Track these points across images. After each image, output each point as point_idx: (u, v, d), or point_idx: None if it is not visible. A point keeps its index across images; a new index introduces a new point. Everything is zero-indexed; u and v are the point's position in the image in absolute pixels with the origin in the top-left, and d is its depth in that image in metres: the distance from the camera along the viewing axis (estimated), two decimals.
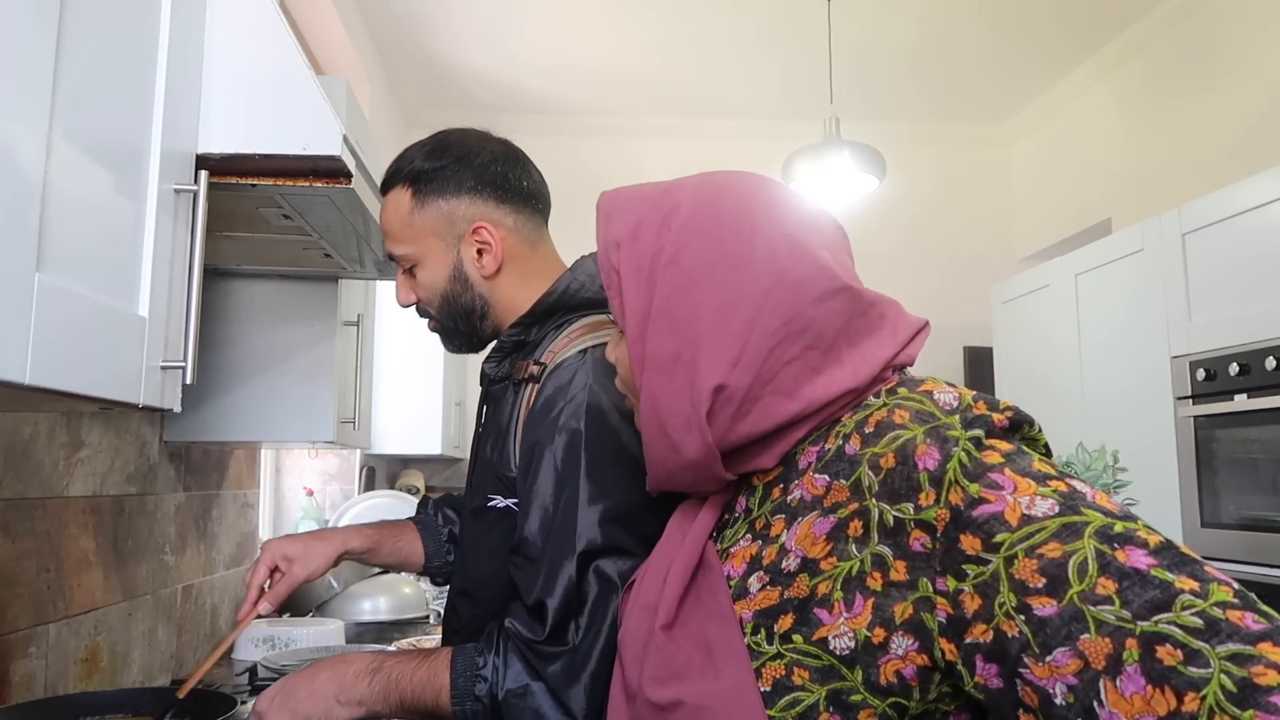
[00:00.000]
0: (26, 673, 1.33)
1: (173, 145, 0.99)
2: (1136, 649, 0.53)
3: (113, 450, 1.60)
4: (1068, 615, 0.55)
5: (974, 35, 3.73)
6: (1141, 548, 0.56)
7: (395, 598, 2.59)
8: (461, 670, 0.93)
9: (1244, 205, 2.47)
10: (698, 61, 3.98)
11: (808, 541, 0.67)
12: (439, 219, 1.11)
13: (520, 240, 1.14)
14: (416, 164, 1.12)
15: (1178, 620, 0.53)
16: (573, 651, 0.90)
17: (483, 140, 1.16)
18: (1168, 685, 0.51)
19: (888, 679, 0.62)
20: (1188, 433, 2.63)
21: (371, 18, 3.58)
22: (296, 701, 0.97)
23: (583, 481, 0.94)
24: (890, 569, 0.63)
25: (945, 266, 4.51)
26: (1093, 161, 4.04)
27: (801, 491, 0.71)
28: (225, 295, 1.83)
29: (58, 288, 0.74)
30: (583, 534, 0.92)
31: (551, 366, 1.03)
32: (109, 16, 0.85)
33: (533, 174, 1.17)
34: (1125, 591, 0.54)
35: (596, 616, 0.90)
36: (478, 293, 1.13)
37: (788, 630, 0.65)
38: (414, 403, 3.32)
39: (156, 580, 1.78)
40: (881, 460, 0.66)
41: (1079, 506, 0.59)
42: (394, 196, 1.14)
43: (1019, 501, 0.59)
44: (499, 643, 0.94)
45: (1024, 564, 0.57)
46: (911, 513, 0.63)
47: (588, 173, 4.56)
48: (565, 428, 0.97)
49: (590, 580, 0.91)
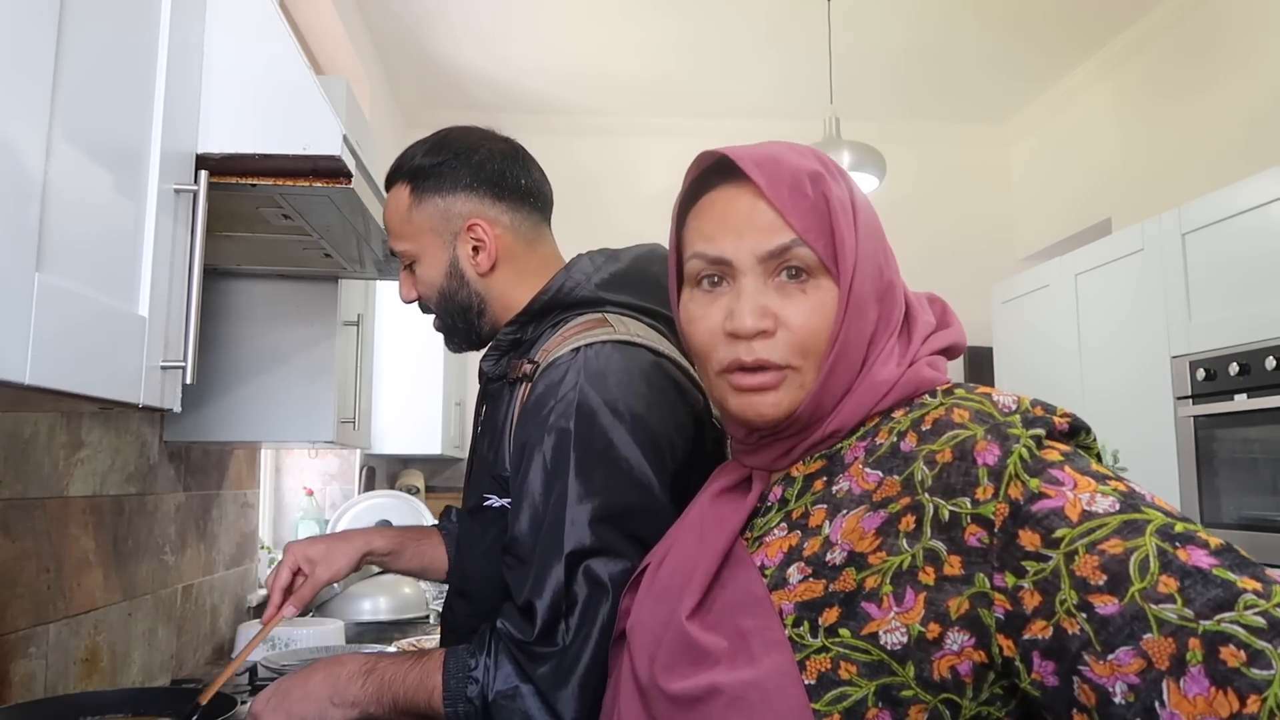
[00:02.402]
0: (26, 673, 1.33)
1: (173, 145, 0.99)
2: (1200, 649, 0.52)
3: (113, 450, 1.60)
4: (1130, 614, 0.54)
5: (974, 36, 3.73)
6: (1203, 548, 0.56)
7: (395, 598, 2.59)
8: (454, 671, 0.93)
9: (1244, 205, 2.47)
10: (697, 61, 3.98)
11: (855, 535, 0.66)
12: (436, 215, 1.12)
13: (517, 238, 1.14)
14: (417, 160, 1.13)
15: (1241, 620, 0.52)
16: (562, 653, 0.89)
17: (483, 138, 1.16)
18: (1230, 687, 0.50)
19: (941, 674, 0.61)
20: (1188, 433, 2.63)
21: (371, 18, 3.58)
22: (291, 703, 0.97)
23: (572, 481, 0.93)
24: (944, 564, 0.62)
25: (945, 267, 4.50)
26: (1093, 161, 4.04)
27: (850, 484, 0.70)
28: (225, 295, 1.83)
29: (58, 288, 0.74)
30: (571, 534, 0.91)
31: (544, 365, 1.02)
32: (109, 16, 0.85)
33: (533, 172, 1.17)
34: (1187, 590, 0.54)
35: (587, 619, 0.89)
36: (474, 290, 1.13)
37: (833, 624, 0.64)
38: (414, 403, 3.32)
39: (156, 580, 1.78)
40: (938, 456, 0.65)
41: (1139, 505, 0.58)
42: (395, 193, 1.15)
43: (1079, 498, 0.59)
44: (490, 643, 0.93)
45: (1085, 560, 0.57)
46: (969, 507, 0.62)
47: (588, 173, 4.57)
48: (554, 427, 0.96)
49: (580, 581, 0.90)
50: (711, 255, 0.75)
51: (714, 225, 0.75)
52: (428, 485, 4.07)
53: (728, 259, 0.74)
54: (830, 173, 0.75)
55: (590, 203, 4.34)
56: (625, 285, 1.09)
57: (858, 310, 0.72)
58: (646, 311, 1.08)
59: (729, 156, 0.75)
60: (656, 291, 1.09)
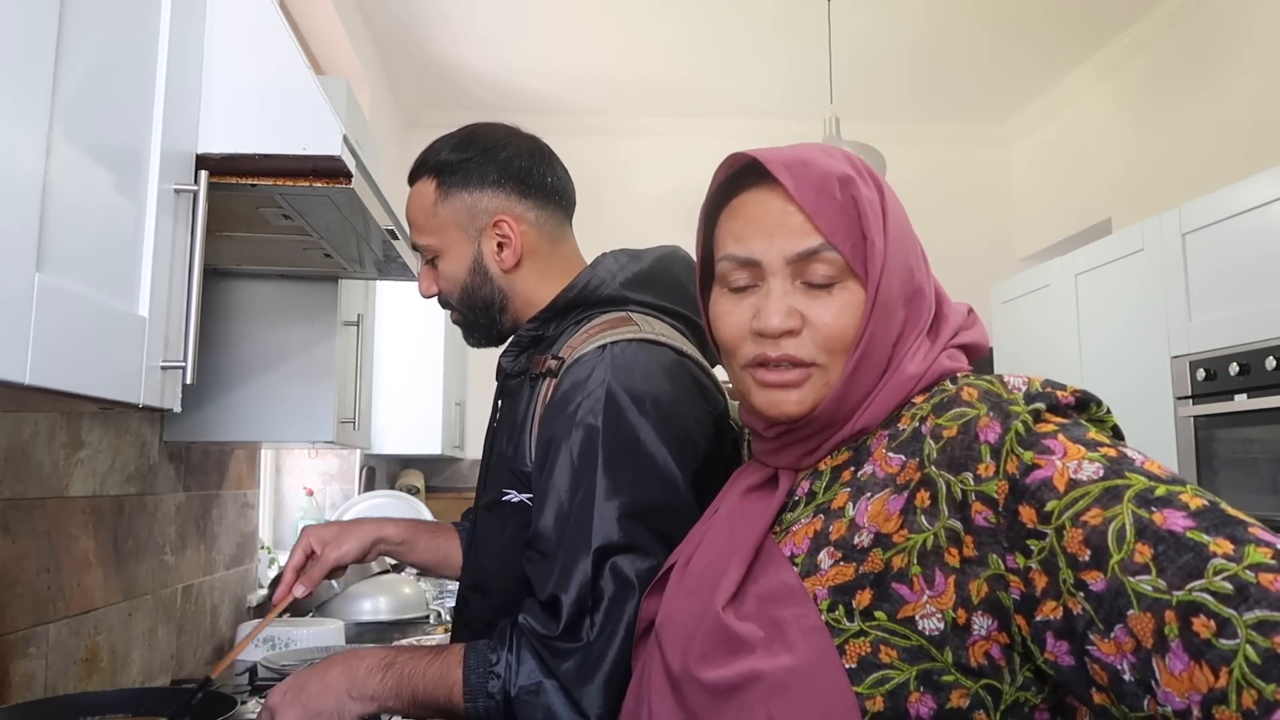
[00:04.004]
0: (26, 673, 1.33)
1: (173, 145, 0.99)
2: (1175, 622, 0.51)
3: (113, 450, 1.60)
4: (1114, 589, 0.54)
5: (974, 35, 3.73)
6: (1181, 510, 0.54)
7: (395, 598, 2.59)
8: (474, 666, 0.92)
9: (1244, 205, 2.47)
10: (698, 61, 3.98)
11: (881, 518, 0.67)
12: (461, 211, 1.12)
13: (541, 235, 1.14)
14: (443, 156, 1.13)
15: (1210, 587, 0.50)
16: (587, 649, 0.88)
17: (510, 135, 1.16)
18: (1204, 660, 0.49)
19: (978, 661, 0.61)
20: (1188, 433, 2.63)
21: (371, 18, 3.58)
22: (308, 696, 0.96)
23: (599, 476, 0.93)
24: (963, 544, 0.62)
25: (945, 266, 4.46)
26: (1093, 161, 4.04)
27: (874, 468, 0.70)
28: (225, 295, 1.83)
29: (58, 288, 0.74)
30: (599, 530, 0.91)
31: (570, 361, 1.02)
32: (109, 17, 0.85)
33: (558, 171, 1.18)
34: (1161, 558, 0.53)
35: (613, 615, 0.88)
36: (497, 286, 1.13)
37: (868, 606, 0.64)
38: (414, 403, 3.32)
39: (156, 580, 1.78)
40: (945, 431, 0.66)
41: (1123, 470, 0.58)
42: (419, 187, 1.15)
43: (1066, 466, 0.59)
44: (512, 638, 0.92)
45: (1071, 535, 0.56)
46: (972, 483, 0.62)
47: (587, 173, 4.54)
48: (582, 423, 0.96)
49: (606, 577, 0.90)
50: (742, 257, 0.75)
51: (744, 226, 0.76)
52: (428, 485, 4.07)
53: (757, 259, 0.74)
54: (861, 175, 0.76)
55: (590, 203, 4.32)
56: (648, 285, 1.09)
57: (884, 313, 0.73)
58: (668, 311, 1.09)
59: (758, 159, 0.75)
60: (678, 292, 1.10)
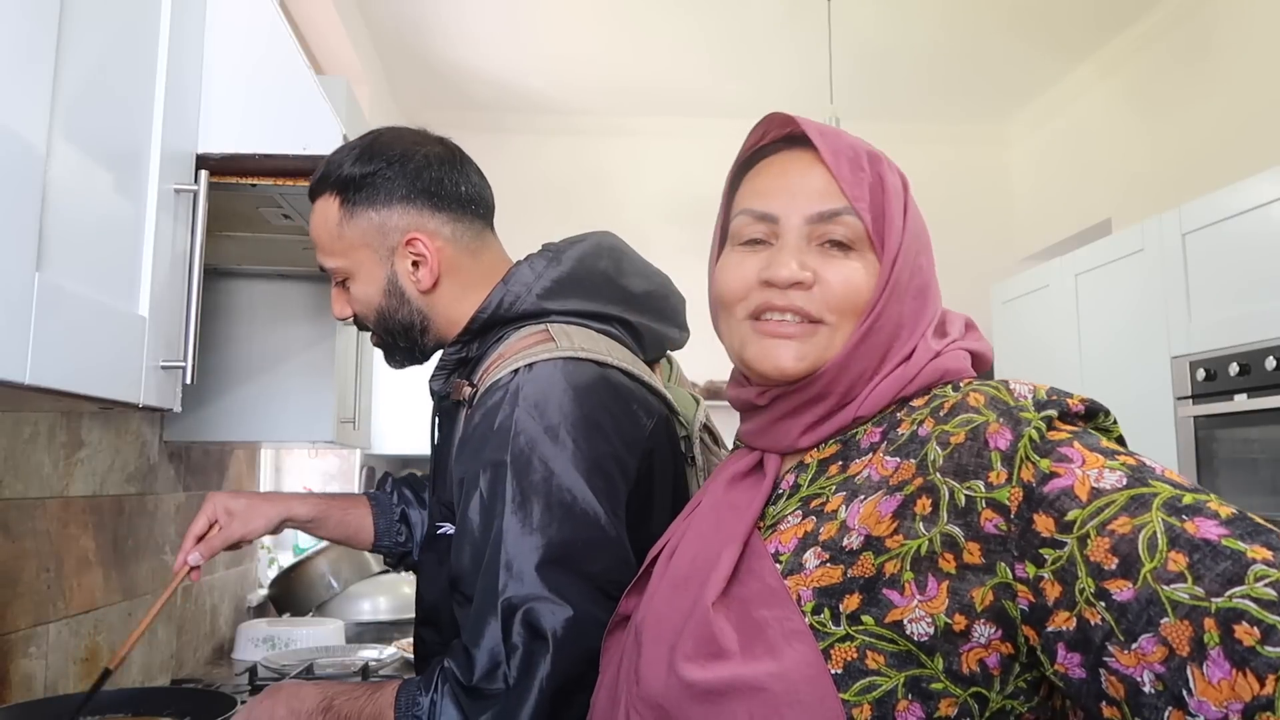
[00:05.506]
0: (26, 673, 1.33)
1: (173, 145, 1.00)
2: (1216, 630, 0.50)
3: (113, 450, 1.60)
4: (1145, 598, 0.53)
5: (974, 35, 3.73)
6: (1212, 518, 0.54)
7: (395, 598, 2.58)
8: (404, 708, 0.89)
9: (1244, 205, 2.47)
10: (698, 61, 3.98)
11: (872, 520, 0.65)
12: (370, 230, 1.03)
13: (459, 250, 1.06)
14: (345, 170, 1.03)
15: (1252, 593, 0.50)
16: (505, 697, 0.84)
17: (417, 142, 1.07)
18: (1248, 668, 0.48)
19: (970, 668, 0.60)
20: (1188, 433, 2.63)
21: (371, 18, 3.58)
22: None
23: (509, 519, 0.87)
24: (963, 551, 0.60)
25: (945, 266, 4.44)
26: (1093, 161, 4.04)
27: (870, 471, 0.69)
28: (225, 295, 1.83)
29: (58, 288, 0.74)
30: (507, 581, 0.86)
31: (482, 390, 0.97)
32: (109, 16, 0.85)
33: (472, 176, 1.09)
34: (1197, 566, 0.52)
35: (527, 672, 0.84)
36: (415, 307, 1.06)
37: (855, 611, 0.62)
38: (414, 403, 3.29)
39: (156, 580, 1.78)
40: (951, 438, 0.64)
41: (1147, 479, 0.57)
42: (321, 205, 1.05)
43: (1087, 474, 0.58)
44: (437, 680, 0.89)
45: (1097, 544, 0.55)
46: (982, 490, 0.61)
47: (588, 172, 4.57)
48: (489, 461, 0.90)
49: (517, 631, 0.85)
50: (759, 211, 0.75)
51: (768, 183, 0.76)
52: None
53: (775, 215, 0.74)
54: (887, 163, 0.77)
55: (590, 202, 4.34)
56: (569, 290, 1.03)
57: (896, 291, 0.72)
58: (595, 315, 1.03)
59: (795, 121, 0.75)
60: (606, 289, 1.05)
